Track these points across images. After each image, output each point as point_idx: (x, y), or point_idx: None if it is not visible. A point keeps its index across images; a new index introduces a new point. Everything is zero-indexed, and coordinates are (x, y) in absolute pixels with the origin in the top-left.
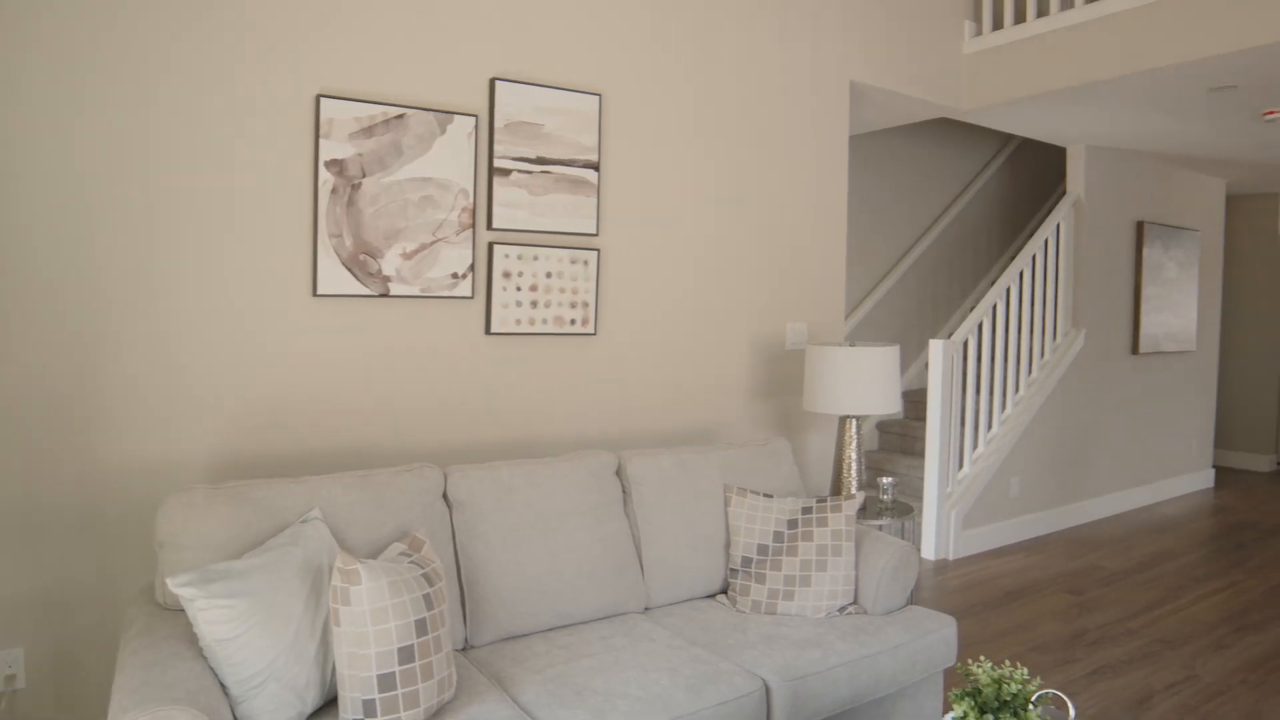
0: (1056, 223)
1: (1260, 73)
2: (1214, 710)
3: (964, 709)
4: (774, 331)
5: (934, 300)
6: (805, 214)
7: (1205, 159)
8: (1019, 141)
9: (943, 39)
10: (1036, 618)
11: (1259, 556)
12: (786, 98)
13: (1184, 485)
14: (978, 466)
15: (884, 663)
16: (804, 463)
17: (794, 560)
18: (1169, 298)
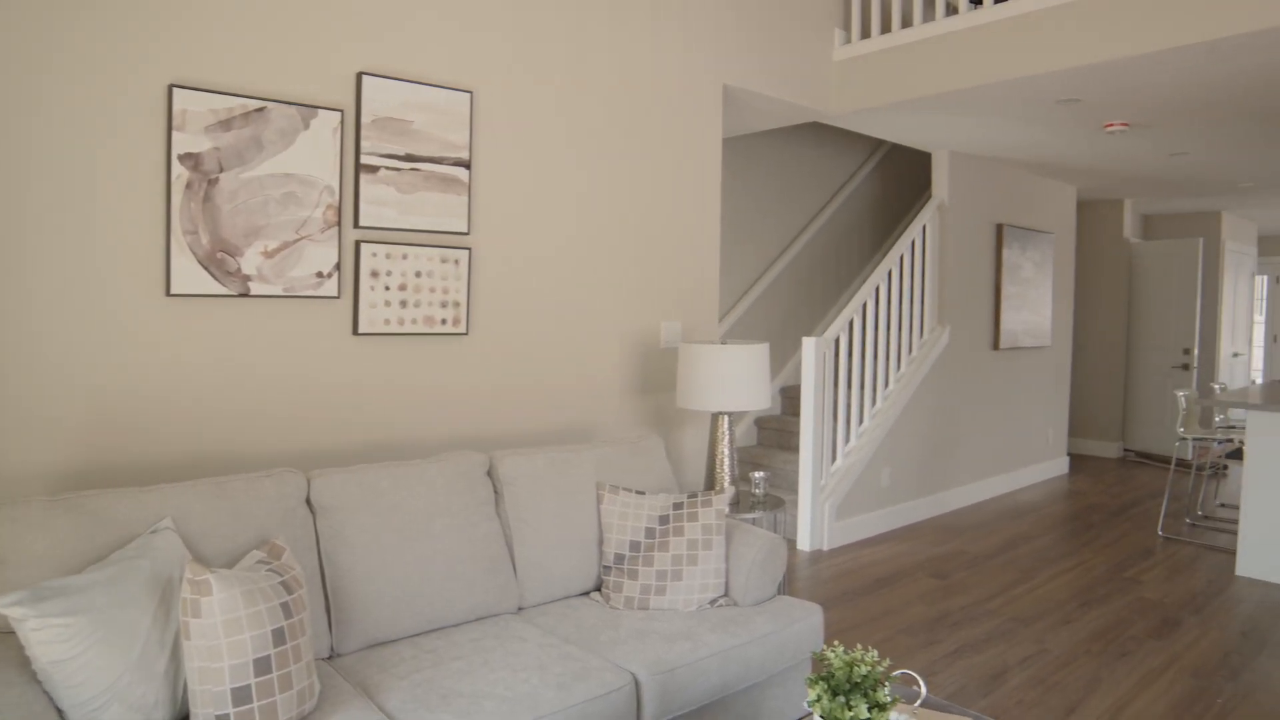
0: (923, 225)
1: (1100, 88)
2: (1061, 680)
3: (818, 692)
4: (649, 330)
5: (809, 299)
6: (679, 214)
7: (1057, 166)
8: (890, 146)
9: (814, 46)
10: (904, 602)
11: (1105, 536)
12: (661, 99)
13: (1041, 472)
14: (850, 459)
15: (753, 652)
16: (679, 459)
17: (665, 555)
18: (1026, 296)
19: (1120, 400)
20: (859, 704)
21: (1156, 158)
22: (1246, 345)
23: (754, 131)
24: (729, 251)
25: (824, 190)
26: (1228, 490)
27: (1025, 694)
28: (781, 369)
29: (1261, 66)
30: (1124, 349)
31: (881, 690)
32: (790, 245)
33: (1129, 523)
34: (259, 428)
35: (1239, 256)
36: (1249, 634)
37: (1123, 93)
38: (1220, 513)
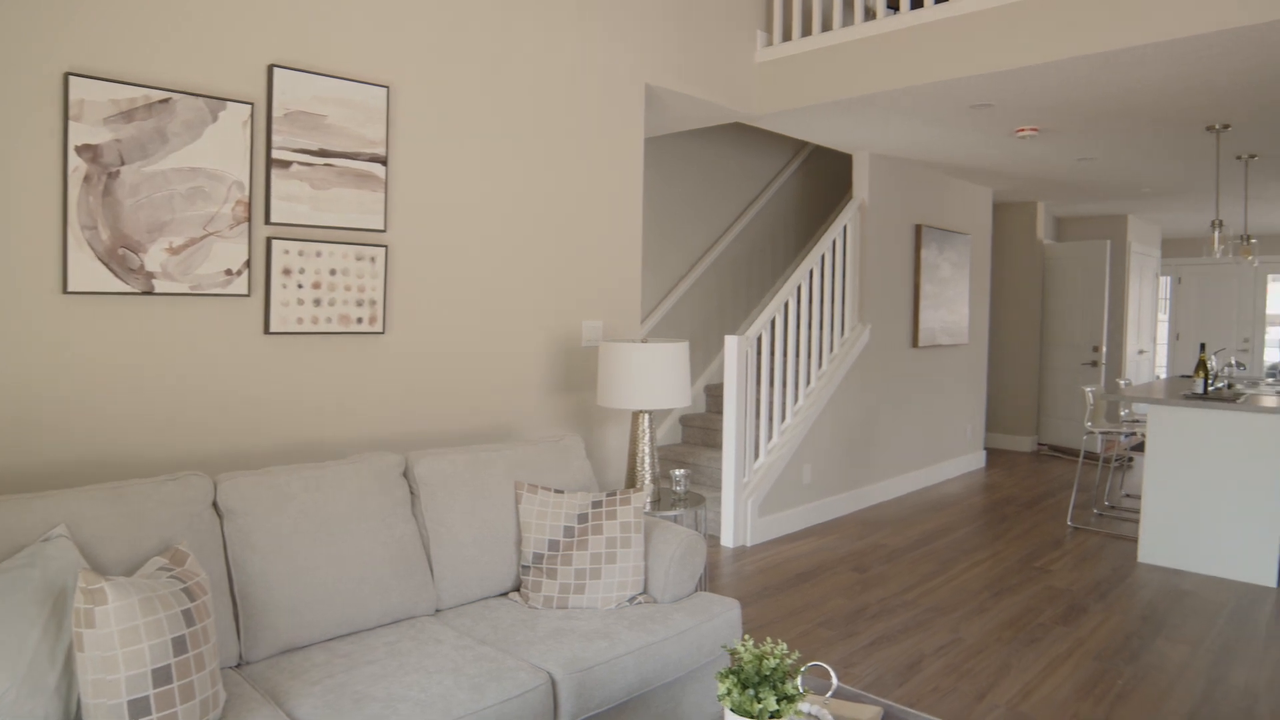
0: (843, 225)
1: (1011, 94)
2: (973, 667)
3: (728, 686)
4: (570, 329)
5: (734, 298)
6: (602, 213)
7: (973, 169)
8: (813, 148)
9: (736, 47)
10: (825, 596)
11: (1018, 528)
12: (583, 98)
13: (960, 466)
14: (773, 456)
15: (671, 648)
16: (602, 457)
17: (584, 554)
18: (944, 295)
19: (1034, 396)
20: (768, 696)
21: (1065, 162)
22: (1151, 343)
23: (678, 131)
24: (653, 250)
25: (748, 190)
26: (1132, 481)
27: (939, 682)
28: (706, 367)
29: (1157, 78)
30: (1038, 346)
31: (790, 683)
32: (715, 244)
33: (1041, 514)
34: (166, 430)
35: (1144, 258)
36: (1148, 618)
37: (1032, 99)
38: (1125, 503)
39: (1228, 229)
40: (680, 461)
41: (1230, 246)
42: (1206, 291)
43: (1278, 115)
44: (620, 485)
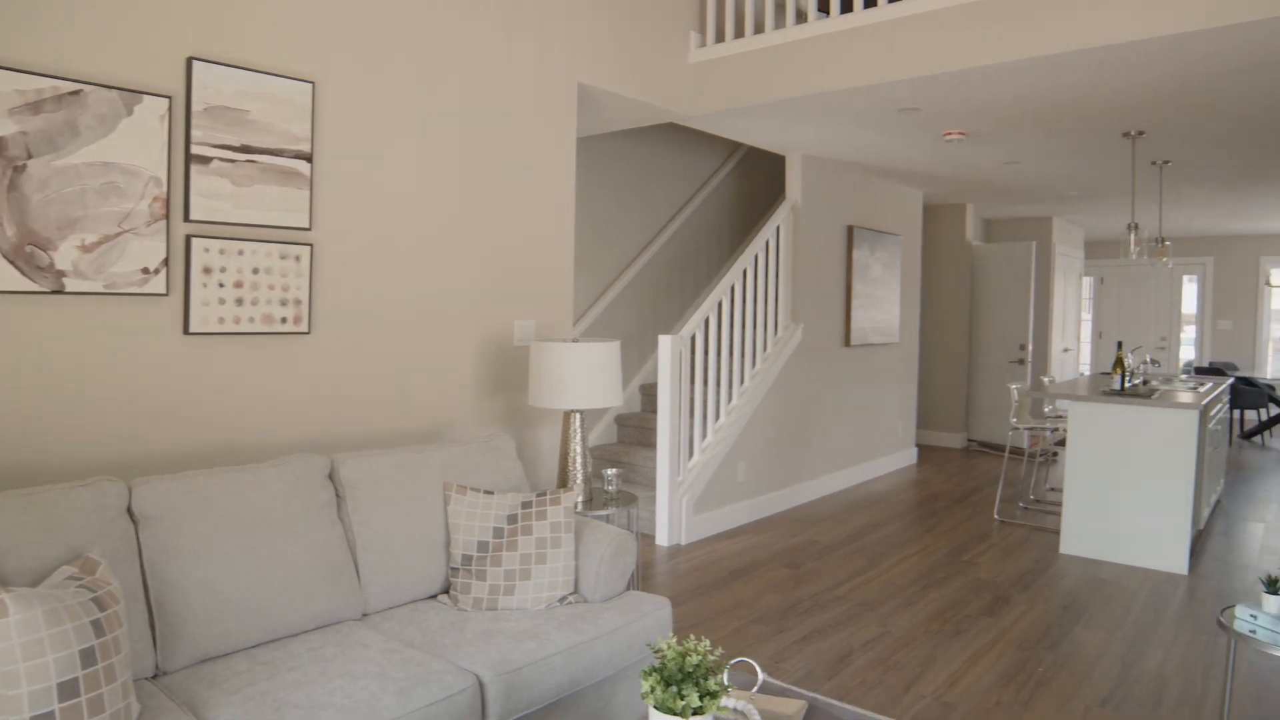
0: (776, 225)
1: (937, 98)
2: (901, 659)
3: (651, 683)
4: (502, 328)
5: (669, 298)
6: (534, 212)
7: (904, 171)
8: (747, 149)
9: (670, 48)
10: (758, 592)
11: (947, 522)
12: (515, 97)
13: (891, 463)
14: (707, 454)
15: (600, 647)
16: (535, 457)
17: (514, 555)
18: (875, 295)
19: (964, 393)
20: (690, 693)
21: (992, 165)
22: (1075, 341)
23: (612, 131)
24: (587, 250)
25: (683, 190)
26: (1057, 475)
27: (868, 675)
28: (641, 367)
29: (1076, 85)
30: (967, 345)
31: (713, 679)
32: (650, 244)
33: (969, 509)
34: (79, 434)
35: (1068, 259)
36: (1068, 607)
37: (958, 103)
38: (1049, 496)
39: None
40: (615, 461)
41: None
42: (1127, 291)
43: (1188, 123)
44: (553, 485)
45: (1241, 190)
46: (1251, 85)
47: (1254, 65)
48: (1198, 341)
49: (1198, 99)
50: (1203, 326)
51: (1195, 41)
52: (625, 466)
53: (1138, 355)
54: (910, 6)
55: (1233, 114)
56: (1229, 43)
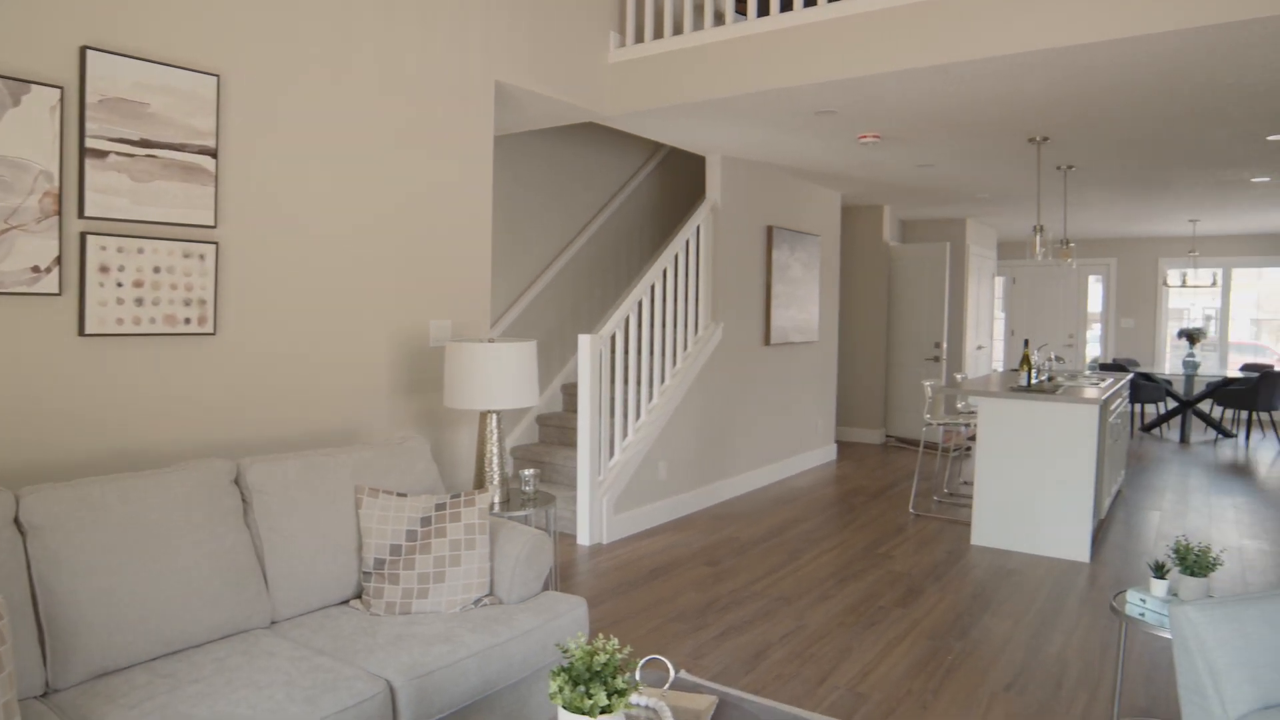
0: (696, 225)
1: (851, 102)
2: (816, 652)
3: (559, 684)
4: (418, 328)
5: (591, 297)
6: (451, 210)
7: (822, 173)
8: (669, 149)
9: (589, 47)
10: (678, 590)
11: (864, 516)
12: (431, 93)
13: (811, 460)
14: (628, 454)
15: (515, 649)
16: (452, 459)
17: (427, 558)
18: (795, 295)
19: (882, 390)
20: (598, 692)
21: (906, 168)
22: (989, 339)
23: (532, 130)
24: (507, 249)
25: (605, 190)
26: (969, 469)
27: (784, 668)
28: (563, 367)
29: (984, 91)
30: (885, 343)
31: (621, 677)
32: (571, 244)
33: (886, 503)
34: None
35: (981, 259)
36: (978, 596)
37: (871, 107)
38: (963, 490)
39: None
40: (537, 461)
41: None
42: (1037, 290)
43: (1088, 131)
44: (470, 487)
45: (1139, 195)
46: (1145, 97)
47: (1147, 78)
48: (1103, 339)
49: (1096, 108)
50: (1107, 324)
51: (1091, 53)
52: (547, 466)
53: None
54: (824, 12)
55: (1129, 123)
56: (1123, 56)
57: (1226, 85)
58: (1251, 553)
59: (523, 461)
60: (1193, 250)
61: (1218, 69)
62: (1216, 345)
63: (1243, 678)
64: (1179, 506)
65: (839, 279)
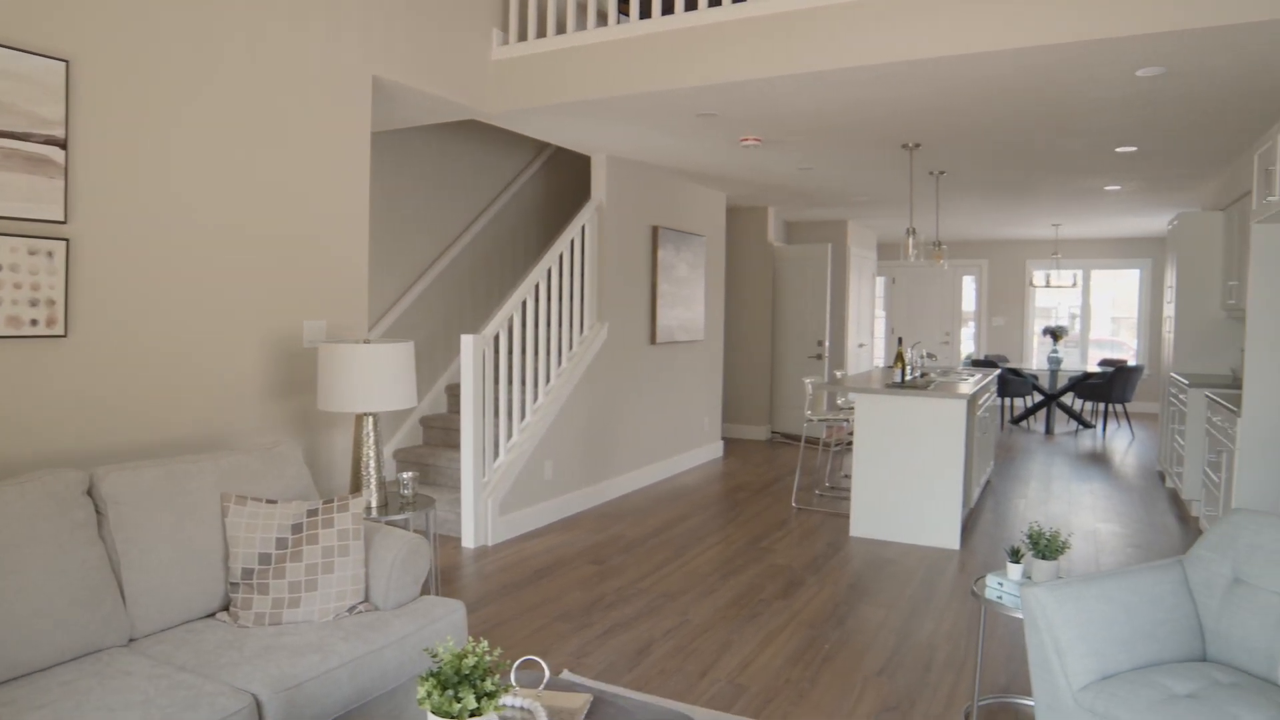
0: (582, 225)
1: (732, 105)
2: (699, 646)
3: (427, 688)
4: (291, 329)
5: (475, 298)
6: (326, 208)
7: (706, 174)
8: (555, 148)
9: (471, 44)
10: (563, 590)
11: (749, 511)
12: (306, 86)
13: (699, 457)
14: (513, 454)
15: (389, 656)
16: (328, 463)
17: (299, 566)
18: (681, 294)
19: (767, 387)
20: (467, 695)
21: (788, 171)
22: (870, 337)
23: (413, 126)
24: (389, 248)
25: (490, 188)
26: (850, 463)
27: (667, 663)
28: (447, 367)
29: (858, 99)
30: (770, 341)
31: (491, 679)
32: (455, 242)
33: (770, 498)
34: None
35: (862, 260)
36: (854, 586)
37: (751, 111)
38: (843, 483)
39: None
40: (420, 463)
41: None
42: (915, 290)
43: (958, 138)
44: (347, 492)
45: (1006, 200)
46: (1008, 108)
47: (1009, 90)
48: (976, 336)
49: (964, 118)
50: (980, 323)
51: (957, 66)
52: (431, 469)
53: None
54: (704, 16)
55: (995, 132)
56: (986, 69)
57: (1079, 99)
58: (1105, 535)
59: (406, 464)
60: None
61: (1071, 84)
62: (1078, 342)
63: (1085, 651)
64: (1042, 494)
65: (725, 279)
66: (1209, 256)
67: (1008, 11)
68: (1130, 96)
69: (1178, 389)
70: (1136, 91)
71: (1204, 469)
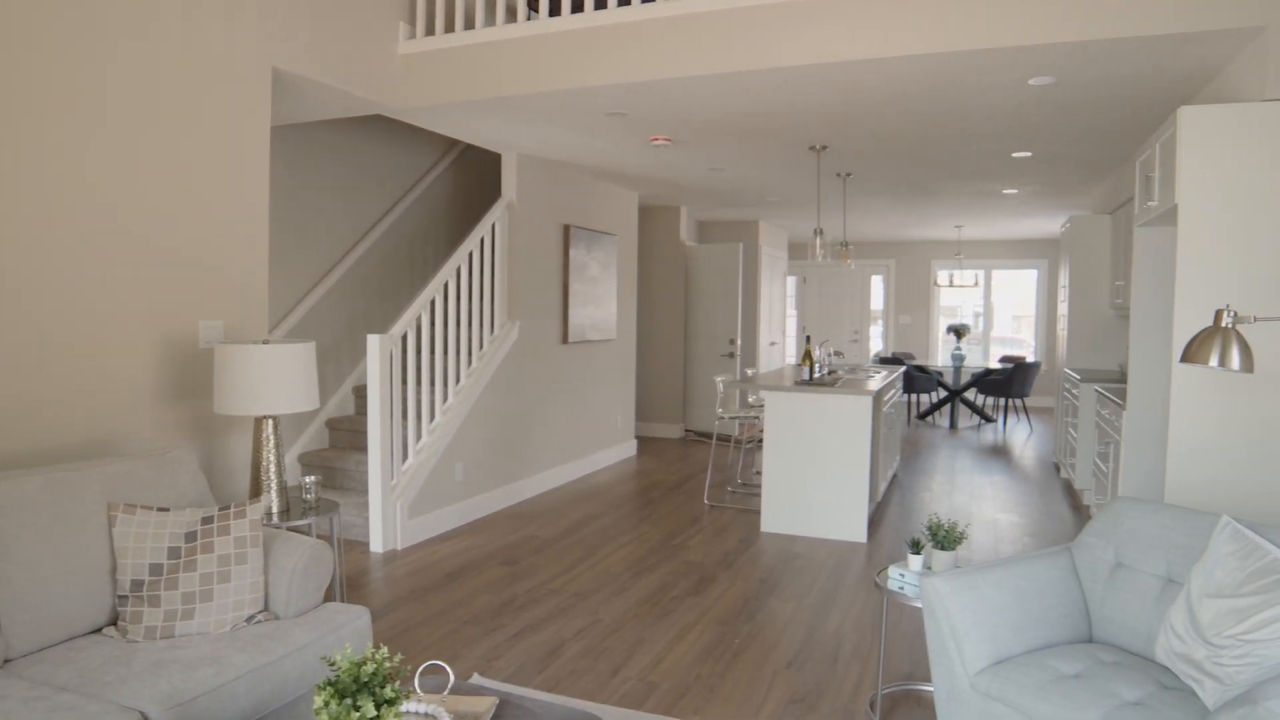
0: (492, 223)
1: (641, 105)
2: (610, 645)
3: (324, 698)
4: (186, 329)
5: (384, 297)
6: (223, 204)
7: (618, 173)
8: (466, 144)
9: (377, 37)
10: (474, 592)
11: (662, 510)
12: (201, 77)
13: (612, 456)
14: (422, 456)
15: (289, 666)
16: (227, 468)
17: (193, 576)
18: (593, 293)
19: (681, 385)
20: (365, 703)
21: (699, 171)
22: (781, 335)
23: (317, 120)
24: (293, 246)
25: (399, 185)
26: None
27: (578, 663)
28: (355, 368)
29: (765, 101)
30: (683, 340)
31: (391, 686)
32: (362, 240)
33: (683, 496)
34: None
35: (774, 259)
36: (765, 581)
37: (660, 111)
38: (755, 480)
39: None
40: (327, 466)
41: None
42: (826, 289)
43: (863, 141)
44: (247, 498)
45: (911, 202)
46: (910, 112)
47: (910, 96)
48: (884, 335)
49: (868, 121)
50: (888, 321)
51: (861, 70)
52: (338, 472)
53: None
54: (614, 15)
55: (898, 136)
56: (888, 74)
57: (976, 105)
58: (1004, 525)
59: (311, 468)
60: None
61: (969, 91)
62: (980, 339)
63: (981, 637)
64: (947, 487)
65: (637, 278)
66: (1098, 257)
67: (907, 19)
68: (1024, 104)
69: (1071, 384)
70: (1030, 99)
71: (1094, 460)
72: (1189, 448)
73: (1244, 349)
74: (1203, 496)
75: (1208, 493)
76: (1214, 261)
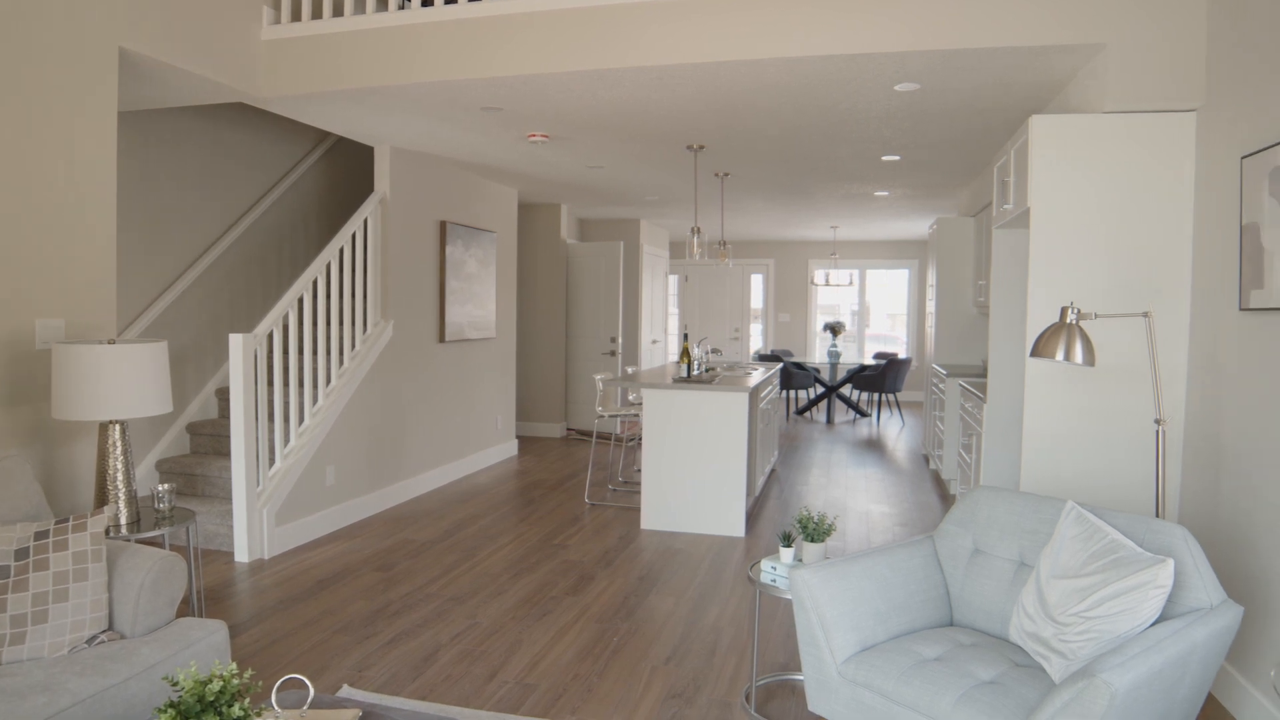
0: (364, 218)
1: (517, 100)
2: (488, 649)
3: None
4: (20, 329)
5: (249, 295)
6: (63, 194)
7: (496, 169)
8: (338, 137)
9: (237, 20)
10: (345, 600)
11: (542, 509)
12: (37, 55)
13: (493, 456)
14: (290, 460)
15: (136, 688)
16: (71, 478)
17: (23, 596)
18: (471, 291)
19: (562, 384)
20: None
21: (577, 168)
22: (663, 333)
23: (174, 107)
24: (147, 240)
25: (265, 178)
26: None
27: (453, 669)
28: (218, 369)
29: (640, 99)
30: (564, 338)
31: (239, 704)
32: (226, 234)
33: (564, 494)
34: None
35: (655, 258)
36: (644, 577)
37: (537, 106)
38: (636, 477)
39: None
40: (187, 473)
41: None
42: (707, 288)
43: (739, 141)
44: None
45: (787, 202)
46: (782, 114)
47: (781, 97)
48: (764, 332)
49: (743, 121)
50: (768, 319)
51: (733, 71)
52: (199, 479)
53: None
54: (488, 8)
55: (771, 137)
56: (759, 75)
57: (847, 109)
58: (876, 516)
59: (170, 475)
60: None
61: (839, 95)
62: (855, 337)
63: (848, 626)
64: (823, 480)
65: (517, 276)
66: (962, 258)
67: (777, 21)
68: (892, 109)
69: (938, 379)
70: (897, 105)
71: (959, 451)
72: (1041, 437)
73: (1086, 344)
74: (1054, 483)
75: (1058, 479)
76: (1061, 261)
